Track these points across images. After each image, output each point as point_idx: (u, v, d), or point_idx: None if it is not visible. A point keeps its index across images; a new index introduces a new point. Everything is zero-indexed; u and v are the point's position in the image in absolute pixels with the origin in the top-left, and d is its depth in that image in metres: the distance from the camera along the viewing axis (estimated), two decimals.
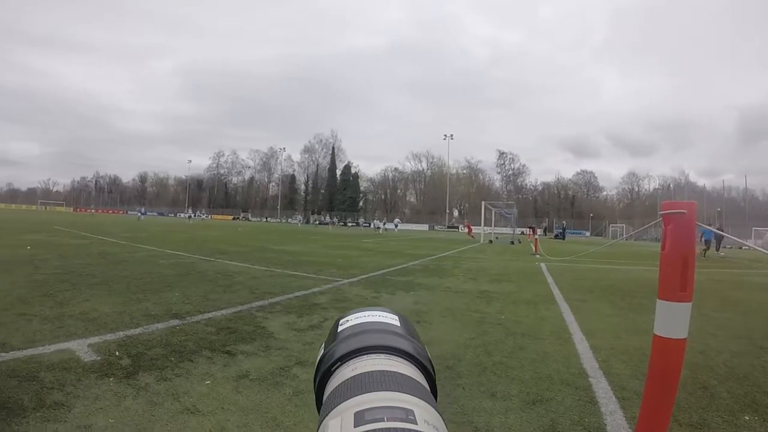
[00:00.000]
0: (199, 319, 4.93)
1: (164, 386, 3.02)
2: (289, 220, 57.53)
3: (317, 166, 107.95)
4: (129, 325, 4.52)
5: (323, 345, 0.41)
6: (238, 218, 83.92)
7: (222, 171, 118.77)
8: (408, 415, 0.28)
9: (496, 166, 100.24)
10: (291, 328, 4.71)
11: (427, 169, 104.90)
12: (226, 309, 5.47)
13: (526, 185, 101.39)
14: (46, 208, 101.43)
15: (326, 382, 0.37)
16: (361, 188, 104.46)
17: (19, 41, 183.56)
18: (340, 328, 0.42)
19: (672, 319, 2.08)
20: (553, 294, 7.81)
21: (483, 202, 32.43)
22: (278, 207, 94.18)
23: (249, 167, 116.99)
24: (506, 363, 3.81)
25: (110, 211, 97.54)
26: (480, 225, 32.79)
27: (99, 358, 3.53)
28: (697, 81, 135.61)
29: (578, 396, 3.13)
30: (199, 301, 5.83)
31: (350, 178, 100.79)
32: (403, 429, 0.27)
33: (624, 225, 63.61)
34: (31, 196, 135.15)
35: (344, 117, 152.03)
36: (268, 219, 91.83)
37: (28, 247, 11.92)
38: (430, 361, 0.40)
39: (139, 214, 38.20)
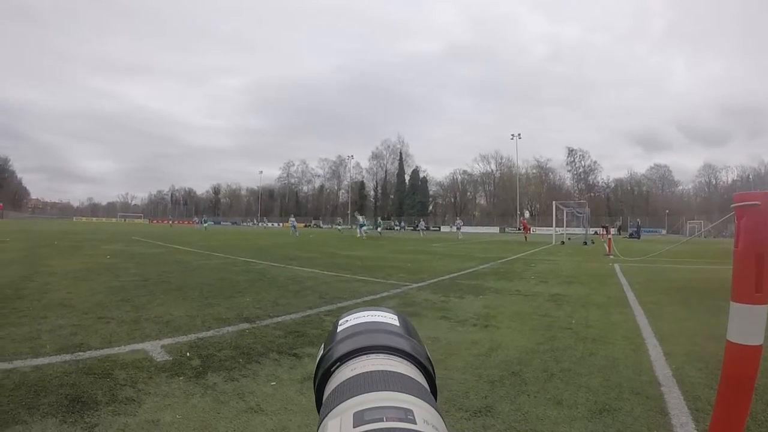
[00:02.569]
0: (269, 323, 5.15)
1: (231, 386, 3.19)
2: (334, 226, 58.35)
3: (386, 171, 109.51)
4: (201, 328, 4.82)
5: (323, 345, 0.42)
6: (309, 225, 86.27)
7: (292, 180, 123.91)
8: (407, 415, 0.29)
9: (567, 164, 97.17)
10: None
11: (496, 170, 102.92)
12: (295, 313, 5.66)
13: (598, 183, 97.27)
14: (125, 220, 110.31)
15: (326, 383, 0.38)
16: (430, 192, 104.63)
17: (97, 69, 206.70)
18: (339, 329, 0.43)
19: (746, 324, 1.91)
20: (626, 296, 7.51)
21: (554, 202, 31.74)
22: (348, 213, 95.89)
23: (318, 176, 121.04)
24: (574, 369, 3.70)
25: (186, 222, 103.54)
26: (551, 225, 32.01)
27: (171, 358, 3.79)
28: None
29: (648, 406, 2.99)
30: (269, 306, 6.07)
31: (419, 182, 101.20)
32: (403, 429, 0.27)
33: (702, 221, 58.67)
34: (110, 209, 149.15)
35: (410, 122, 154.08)
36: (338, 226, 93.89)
37: (108, 257, 12.98)
38: (430, 361, 0.40)
39: (204, 223, 39.90)
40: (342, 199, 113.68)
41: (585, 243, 27.28)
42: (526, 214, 68.73)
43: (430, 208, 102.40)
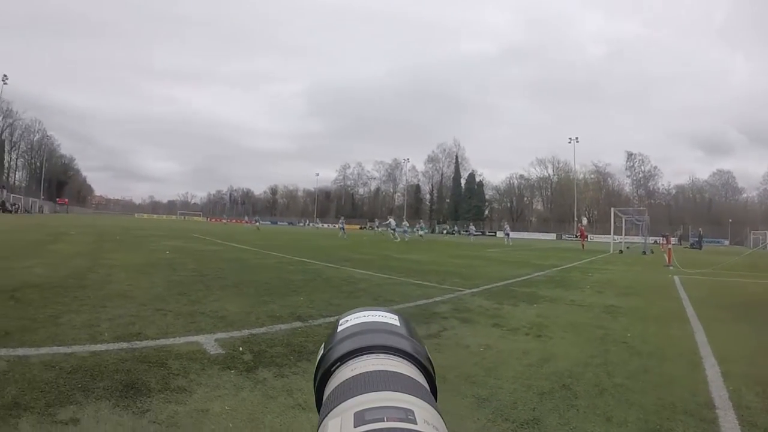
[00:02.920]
0: (321, 322, 5.18)
1: (281, 382, 3.22)
2: (377, 228, 58.01)
3: (441, 175, 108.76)
4: (254, 325, 4.91)
5: (323, 345, 0.43)
6: (364, 227, 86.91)
7: (348, 182, 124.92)
8: (408, 415, 0.29)
9: (626, 169, 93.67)
10: None
11: (553, 174, 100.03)
12: None
13: (658, 189, 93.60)
14: (184, 218, 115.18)
15: (326, 383, 0.39)
16: (486, 196, 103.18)
17: (159, 77, 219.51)
18: (339, 328, 0.43)
19: None
20: (685, 311, 7.13)
21: (612, 209, 30.76)
22: (404, 216, 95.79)
23: (374, 178, 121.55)
24: (627, 386, 3.54)
25: (240, 221, 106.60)
26: (609, 233, 31.02)
27: (224, 351, 3.86)
28: None
29: (701, 429, 2.85)
30: (323, 306, 6.11)
31: (475, 186, 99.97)
32: (403, 429, 0.28)
33: (767, 231, 54.69)
34: (170, 207, 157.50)
35: (465, 125, 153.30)
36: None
37: (167, 252, 13.47)
38: (430, 361, 0.41)
39: (256, 222, 40.57)
40: (398, 202, 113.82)
41: (644, 252, 26.29)
42: (584, 221, 66.26)
43: (486, 212, 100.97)
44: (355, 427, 0.28)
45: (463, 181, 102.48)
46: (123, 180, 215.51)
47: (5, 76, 63.59)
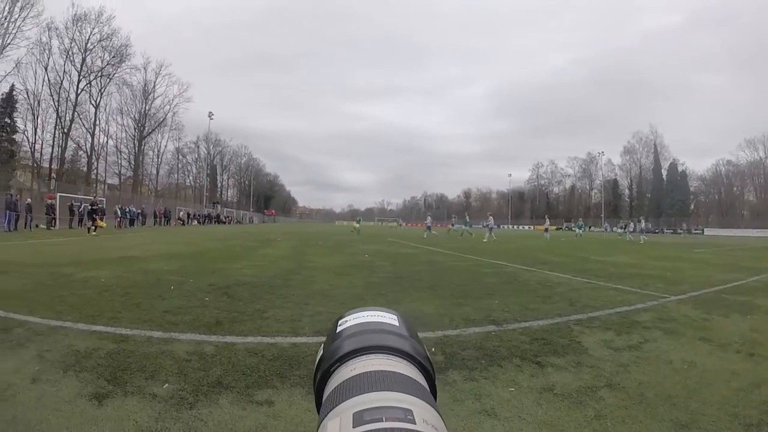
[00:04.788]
0: (515, 327, 5.05)
1: (469, 386, 3.21)
2: (614, 229, 53.04)
3: (640, 167, 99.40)
4: (448, 326, 4.99)
5: (322, 345, 0.44)
6: (561, 228, 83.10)
7: (542, 182, 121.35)
8: (407, 415, 0.30)
9: None
10: (607, 346, 4.38)
11: (766, 157, 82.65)
12: (543, 319, 5.44)
13: None
14: (381, 223, 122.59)
15: (325, 383, 0.39)
16: (691, 188, 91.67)
17: (351, 96, 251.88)
18: (338, 329, 0.44)
19: None
20: None
21: None
22: (602, 215, 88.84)
23: (569, 176, 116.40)
24: None
25: (429, 225, 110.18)
26: None
27: None
28: None
29: None
30: (518, 310, 5.96)
31: (677, 177, 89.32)
32: (402, 429, 0.29)
33: None
34: (368, 214, 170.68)
35: (659, 109, 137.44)
36: (591, 228, 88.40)
37: (366, 256, 14.43)
38: (430, 361, 0.41)
39: (357, 224, 39.94)
40: (594, 200, 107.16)
41: None
42: None
43: (692, 207, 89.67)
44: (354, 427, 0.29)
45: (664, 173, 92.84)
46: (323, 191, 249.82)
47: (211, 113, 74.76)
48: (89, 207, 26.62)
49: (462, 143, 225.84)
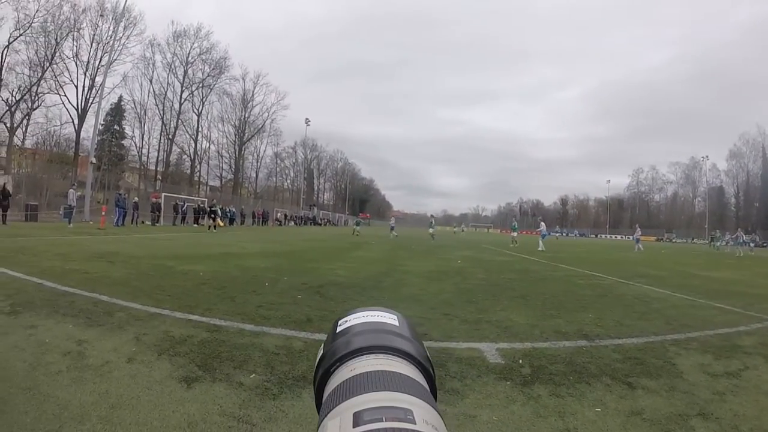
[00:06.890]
0: (608, 343, 4.87)
1: (554, 401, 3.15)
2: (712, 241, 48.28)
3: (747, 173, 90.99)
4: (538, 338, 4.90)
5: (322, 345, 0.44)
6: (661, 239, 77.99)
7: (642, 189, 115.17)
8: (407, 415, 0.31)
9: None
10: (703, 371, 4.08)
11: None
12: (638, 337, 5.19)
13: None
14: (475, 229, 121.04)
15: (325, 383, 0.40)
16: None
17: (445, 102, 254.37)
18: (338, 329, 0.45)
19: None
20: None
21: None
22: (706, 226, 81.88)
23: (671, 182, 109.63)
24: None
25: (531, 232, 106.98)
26: None
27: (503, 362, 3.99)
28: None
29: None
30: (611, 325, 5.74)
31: None
32: (402, 429, 0.29)
33: None
34: (462, 219, 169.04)
35: (763, 107, 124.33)
36: (694, 240, 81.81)
37: (459, 261, 14.41)
38: (430, 361, 0.41)
39: (357, 225, 36.99)
40: (698, 209, 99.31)
41: None
42: None
43: None
44: (353, 427, 0.30)
45: None
46: (417, 196, 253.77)
47: (308, 119, 79.22)
48: (207, 208, 30.88)
49: (558, 148, 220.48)
